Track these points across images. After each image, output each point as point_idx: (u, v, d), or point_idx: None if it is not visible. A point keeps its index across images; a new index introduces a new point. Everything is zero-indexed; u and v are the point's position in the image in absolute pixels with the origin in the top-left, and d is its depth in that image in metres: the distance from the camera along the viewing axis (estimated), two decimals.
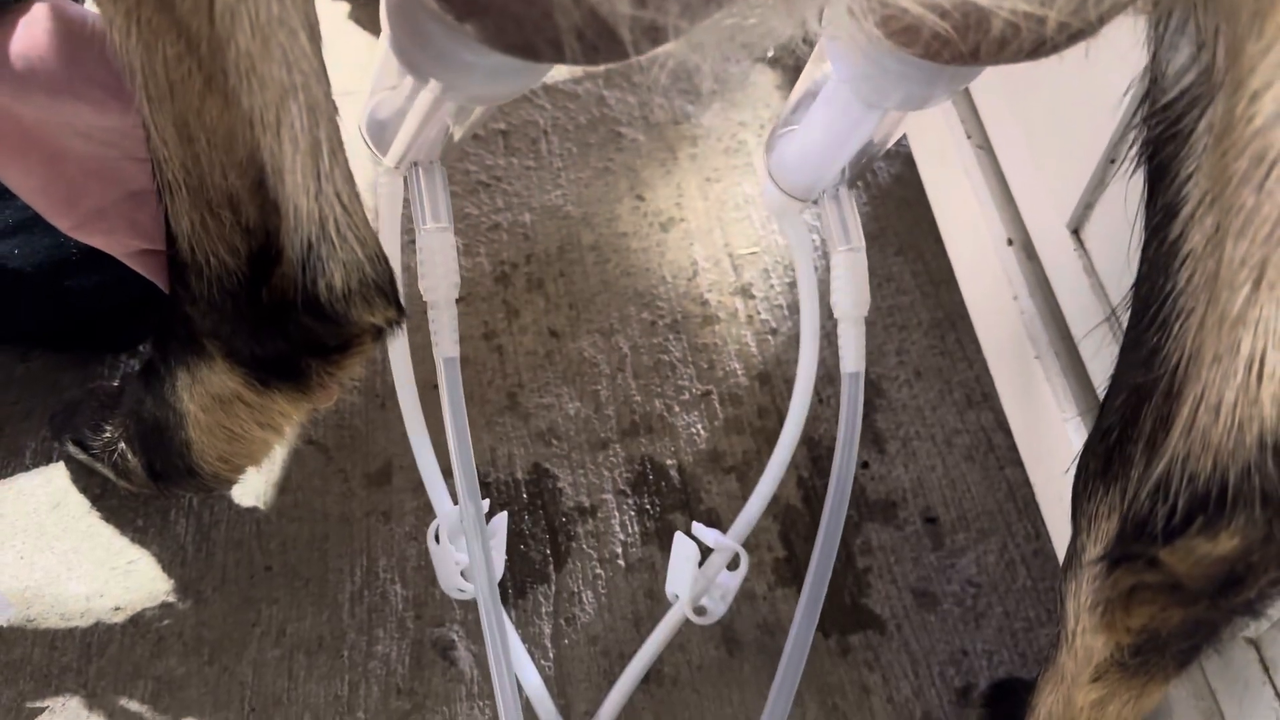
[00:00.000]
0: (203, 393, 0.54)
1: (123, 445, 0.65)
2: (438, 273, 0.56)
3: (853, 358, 0.59)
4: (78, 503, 0.72)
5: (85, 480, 0.73)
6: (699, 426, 0.81)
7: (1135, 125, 0.40)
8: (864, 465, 0.81)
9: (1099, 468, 0.41)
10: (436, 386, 0.57)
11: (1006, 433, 0.80)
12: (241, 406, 0.53)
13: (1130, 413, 0.39)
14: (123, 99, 0.48)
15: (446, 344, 0.57)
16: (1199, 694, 0.54)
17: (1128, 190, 0.45)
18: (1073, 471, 0.44)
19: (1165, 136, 0.39)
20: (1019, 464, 0.75)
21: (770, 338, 0.87)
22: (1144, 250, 0.40)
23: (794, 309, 0.88)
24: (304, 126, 0.39)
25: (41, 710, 0.64)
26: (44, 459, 0.74)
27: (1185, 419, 0.34)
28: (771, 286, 0.90)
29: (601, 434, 0.80)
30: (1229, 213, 0.33)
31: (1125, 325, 0.44)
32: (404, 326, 0.49)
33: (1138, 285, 0.41)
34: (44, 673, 0.65)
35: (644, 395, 0.82)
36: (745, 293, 0.89)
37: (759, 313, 0.88)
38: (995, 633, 0.73)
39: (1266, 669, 0.47)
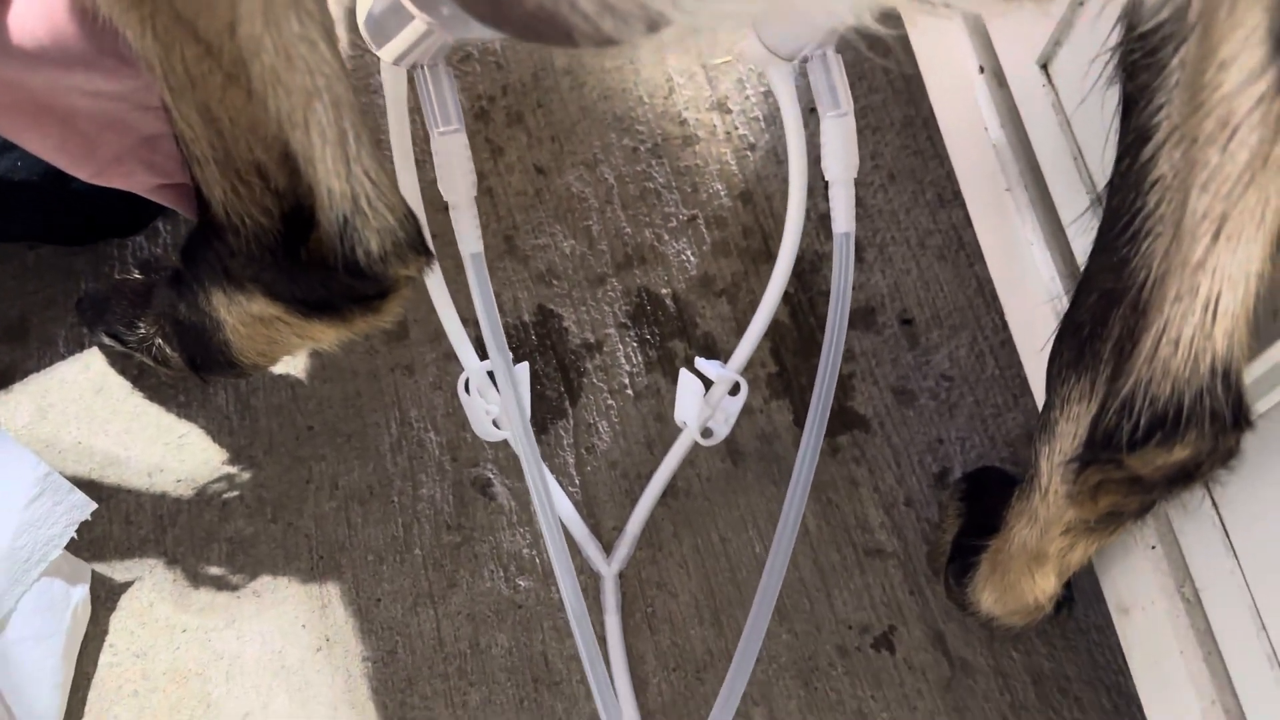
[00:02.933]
0: (241, 313, 0.58)
1: (159, 341, 0.69)
2: (455, 175, 0.58)
3: (843, 218, 0.63)
4: (119, 385, 0.77)
5: (122, 363, 0.78)
6: (688, 253, 0.86)
7: (1113, 47, 0.43)
8: None
9: (1072, 358, 0.46)
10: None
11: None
12: (282, 325, 0.57)
13: (1100, 314, 0.44)
14: (136, 64, 0.48)
15: (470, 240, 0.60)
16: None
17: (1095, 33, 0.48)
18: (1048, 351, 0.50)
19: (1140, 64, 0.42)
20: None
21: (749, 154, 0.89)
22: (1117, 164, 0.44)
23: (770, 120, 0.90)
24: (330, 121, 0.41)
25: (131, 582, 0.72)
26: (77, 346, 0.78)
27: (1149, 348, 0.40)
28: (747, 98, 0.91)
29: (598, 269, 0.85)
30: (1194, 167, 0.38)
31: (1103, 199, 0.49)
32: (435, 266, 0.52)
33: (1111, 194, 0.45)
34: (125, 546, 0.73)
35: (634, 226, 0.86)
36: (722, 107, 0.91)
37: (737, 128, 0.90)
38: (967, 420, 0.82)
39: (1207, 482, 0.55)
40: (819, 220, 0.88)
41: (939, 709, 0.73)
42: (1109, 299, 0.44)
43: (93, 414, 0.76)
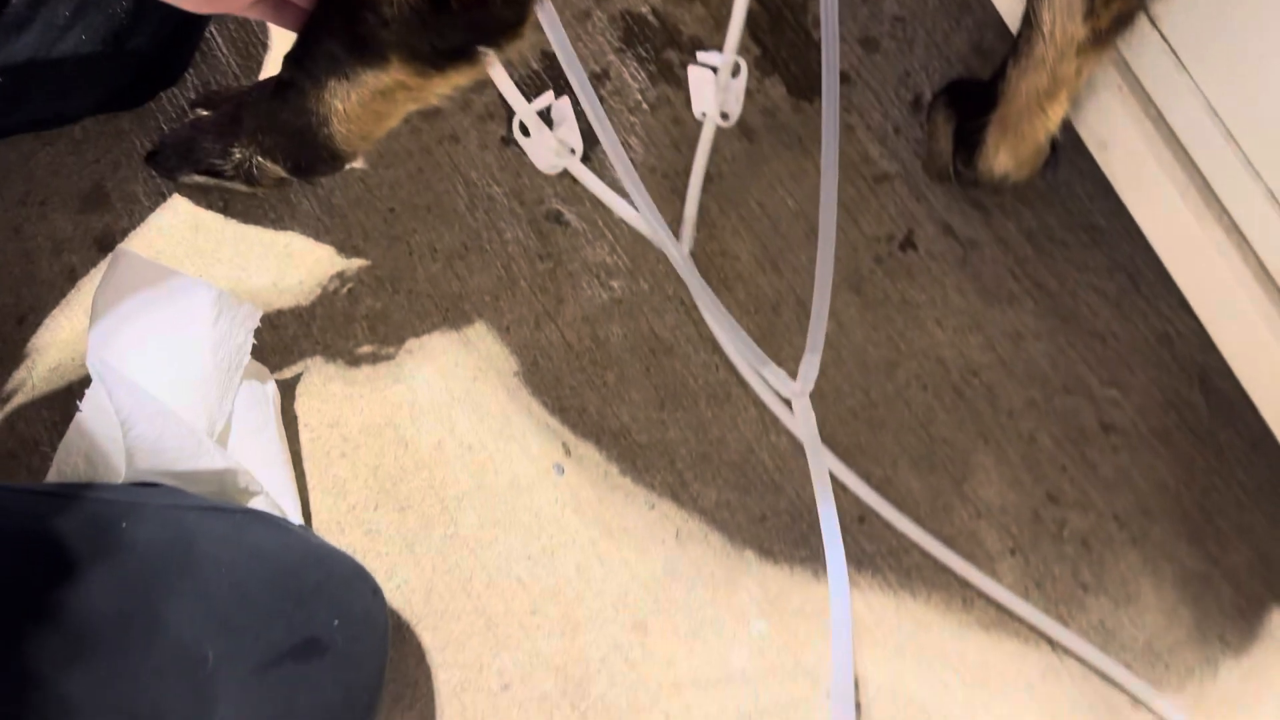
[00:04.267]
0: (363, 92, 0.66)
1: (257, 159, 0.77)
2: None
3: None
4: (211, 219, 0.85)
5: (206, 199, 0.85)
6: None
7: None
8: None
9: None
10: None
11: None
12: (403, 93, 0.66)
13: None
14: None
15: None
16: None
17: None
18: None
19: None
20: None
21: None
22: None
23: None
24: None
25: (300, 374, 0.83)
26: (159, 197, 0.85)
27: None
28: None
29: (580, 4, 0.94)
30: None
31: None
32: None
33: None
34: (281, 347, 0.83)
35: None
36: None
37: None
38: (924, 50, 0.96)
39: (1154, 21, 0.71)
40: None
41: (962, 280, 0.91)
42: None
43: (200, 250, 0.84)
